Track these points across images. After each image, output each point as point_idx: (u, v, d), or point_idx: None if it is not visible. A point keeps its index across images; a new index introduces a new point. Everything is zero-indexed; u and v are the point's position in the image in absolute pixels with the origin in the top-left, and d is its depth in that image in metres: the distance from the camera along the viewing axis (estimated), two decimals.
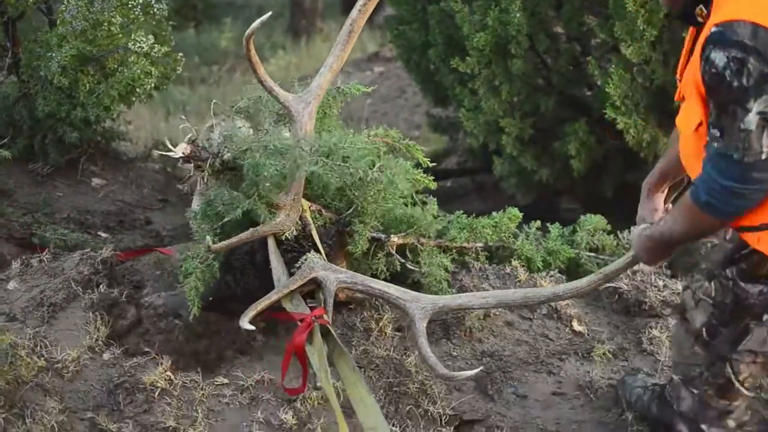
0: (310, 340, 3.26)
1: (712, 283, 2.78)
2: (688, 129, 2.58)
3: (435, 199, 4.03)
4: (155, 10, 4.95)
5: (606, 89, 4.53)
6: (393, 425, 3.34)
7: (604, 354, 3.77)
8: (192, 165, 3.47)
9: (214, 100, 3.99)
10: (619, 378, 3.59)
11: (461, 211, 4.15)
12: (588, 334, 3.87)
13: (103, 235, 4.70)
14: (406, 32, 5.84)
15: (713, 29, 2.37)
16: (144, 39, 4.76)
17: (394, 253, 3.77)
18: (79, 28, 4.70)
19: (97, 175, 5.37)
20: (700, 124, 2.52)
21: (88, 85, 4.79)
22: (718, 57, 2.34)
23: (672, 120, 4.67)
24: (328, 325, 3.32)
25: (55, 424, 3.14)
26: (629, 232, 4.36)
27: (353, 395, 3.16)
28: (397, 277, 3.78)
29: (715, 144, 2.42)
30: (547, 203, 4.34)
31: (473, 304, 3.37)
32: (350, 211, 3.63)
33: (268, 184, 3.36)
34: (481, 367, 3.48)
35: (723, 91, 2.36)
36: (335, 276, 3.37)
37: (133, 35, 4.76)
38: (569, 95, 5.25)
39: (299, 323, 3.30)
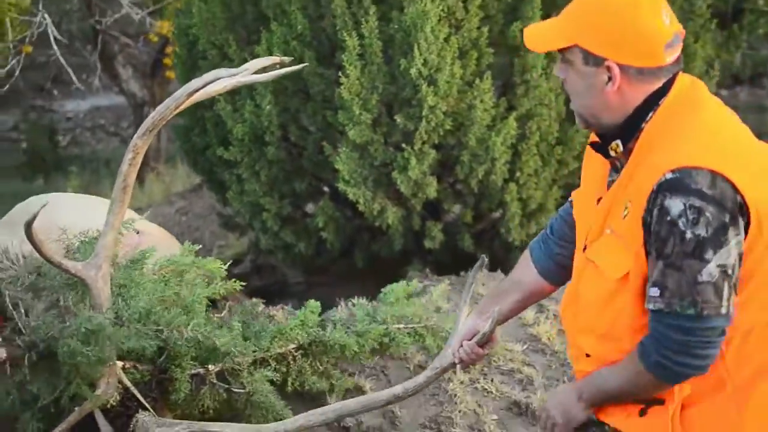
0: None
1: None
2: (615, 272, 2.29)
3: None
4: None
5: (337, 167, 5.46)
6: None
7: None
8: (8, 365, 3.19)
9: None
10: None
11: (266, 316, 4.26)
12: None
13: None
14: (191, 138, 6.69)
15: (669, 175, 2.14)
16: None
17: (216, 382, 3.66)
18: None
19: None
20: (627, 274, 2.27)
21: None
22: (674, 205, 2.12)
23: (397, 193, 5.67)
24: None
25: None
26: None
27: None
28: (229, 403, 3.75)
29: (661, 304, 2.19)
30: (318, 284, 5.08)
31: (313, 421, 3.29)
32: (163, 357, 3.48)
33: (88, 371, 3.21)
34: None
35: (675, 242, 2.14)
36: (172, 431, 3.24)
37: None
38: (319, 177, 6.18)
39: None
